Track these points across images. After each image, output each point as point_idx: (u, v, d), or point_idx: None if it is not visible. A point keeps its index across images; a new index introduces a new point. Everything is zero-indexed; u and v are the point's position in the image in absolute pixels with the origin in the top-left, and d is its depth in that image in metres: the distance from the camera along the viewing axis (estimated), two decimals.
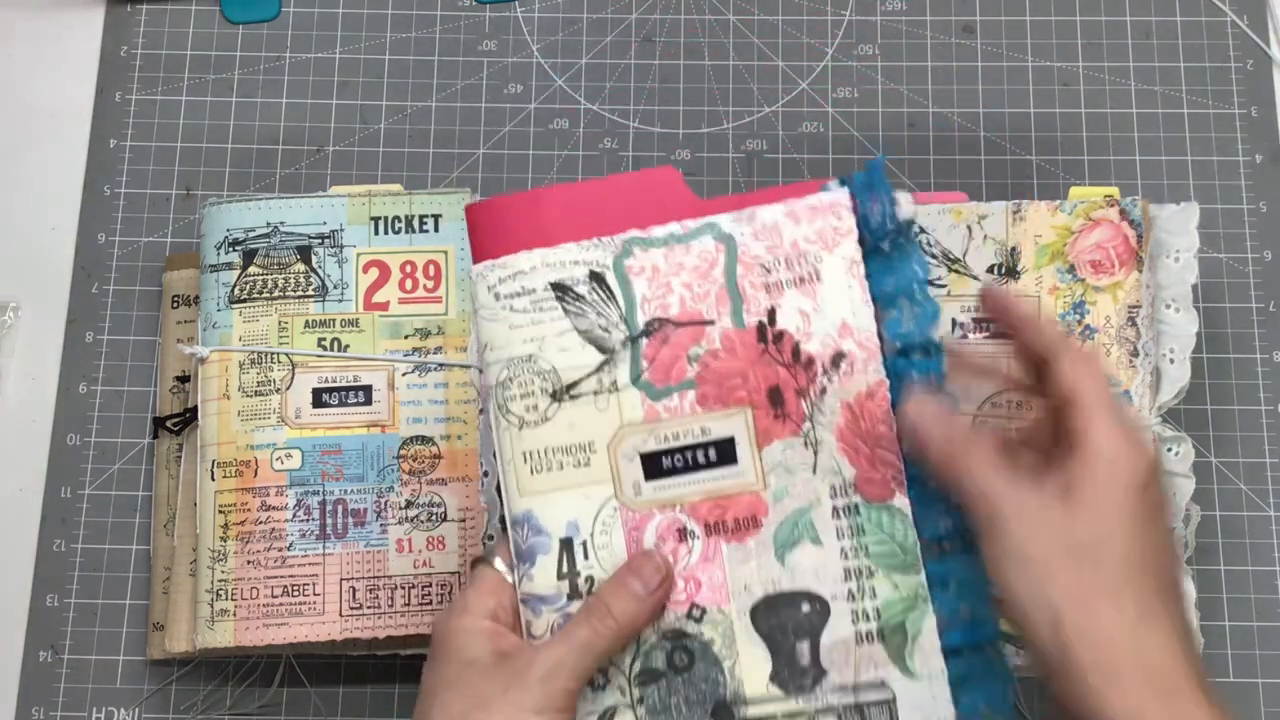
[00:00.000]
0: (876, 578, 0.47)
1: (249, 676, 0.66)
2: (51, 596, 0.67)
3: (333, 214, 0.66)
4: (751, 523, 0.47)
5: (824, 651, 0.47)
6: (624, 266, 0.48)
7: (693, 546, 0.48)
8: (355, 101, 0.74)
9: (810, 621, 0.47)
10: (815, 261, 0.48)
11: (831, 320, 0.48)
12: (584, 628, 0.46)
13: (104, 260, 0.72)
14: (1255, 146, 0.72)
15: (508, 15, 0.76)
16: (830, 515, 0.47)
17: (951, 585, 0.47)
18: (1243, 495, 0.67)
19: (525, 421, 0.48)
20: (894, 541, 0.47)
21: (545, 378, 0.48)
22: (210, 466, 0.63)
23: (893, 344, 0.47)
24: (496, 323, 0.49)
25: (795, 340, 0.48)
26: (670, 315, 0.48)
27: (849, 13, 0.76)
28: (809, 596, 0.47)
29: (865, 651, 0.47)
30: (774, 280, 0.48)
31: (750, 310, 0.48)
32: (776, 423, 0.48)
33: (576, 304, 0.48)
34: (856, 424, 0.47)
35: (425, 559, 0.62)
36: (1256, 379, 0.69)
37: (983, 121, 0.73)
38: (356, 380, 0.64)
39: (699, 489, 0.48)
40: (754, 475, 0.48)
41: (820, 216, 0.48)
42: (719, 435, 0.48)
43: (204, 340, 0.64)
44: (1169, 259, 0.64)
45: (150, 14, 0.76)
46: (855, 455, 0.47)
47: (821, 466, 0.47)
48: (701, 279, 0.48)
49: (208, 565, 0.62)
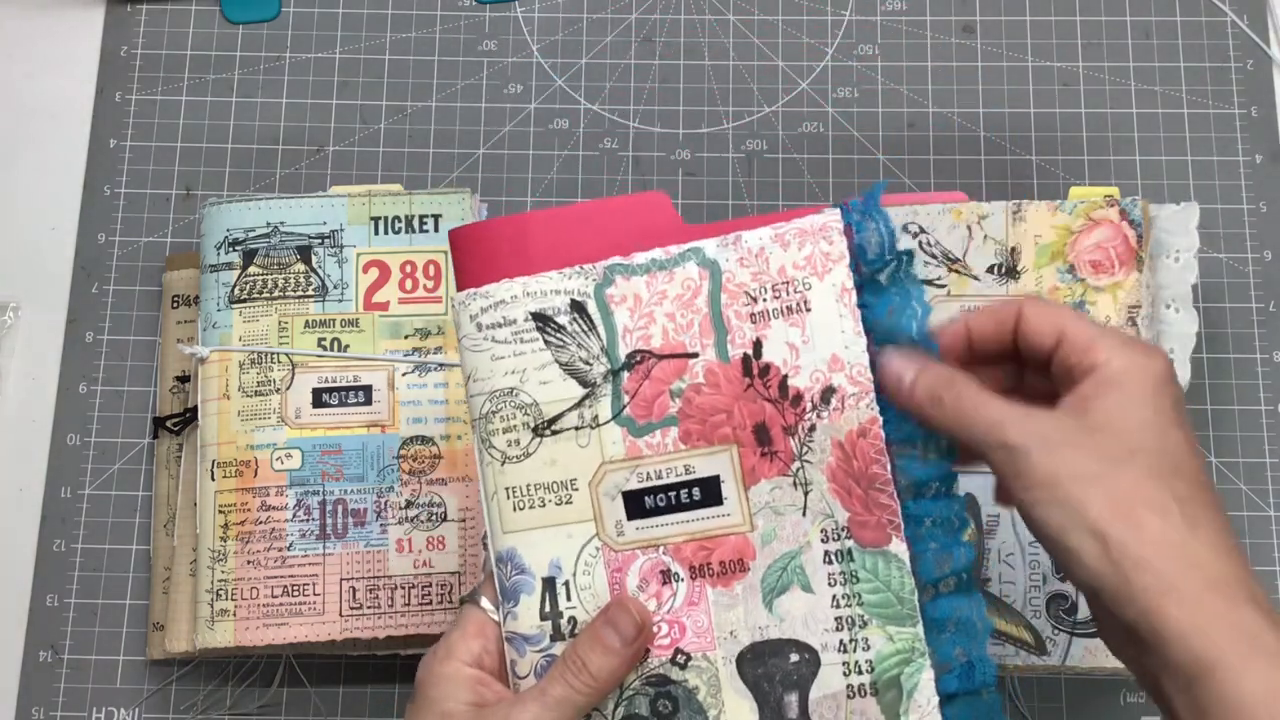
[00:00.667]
0: (870, 628, 0.44)
1: (249, 676, 0.66)
2: (51, 596, 0.67)
3: (333, 214, 0.66)
4: (738, 566, 0.45)
5: (813, 705, 0.45)
6: (605, 295, 0.46)
7: (677, 590, 0.46)
8: (355, 101, 0.74)
9: (799, 672, 0.45)
10: (804, 289, 0.45)
11: (821, 353, 0.45)
12: (559, 685, 0.45)
13: (104, 260, 0.72)
14: (1255, 146, 0.72)
15: (508, 15, 0.76)
16: (822, 560, 0.45)
17: (949, 628, 0.44)
18: (1243, 495, 0.67)
19: (508, 457, 0.47)
20: (889, 590, 0.44)
21: (527, 411, 0.47)
22: (210, 466, 0.63)
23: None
24: (479, 353, 0.47)
25: (783, 374, 0.45)
26: (652, 347, 0.46)
27: (849, 13, 0.76)
28: (798, 646, 0.45)
29: (857, 706, 0.44)
30: (760, 310, 0.46)
31: (735, 342, 0.46)
32: (764, 461, 0.45)
33: (557, 335, 0.47)
34: (849, 463, 0.45)
35: (425, 559, 0.62)
36: (1256, 379, 0.69)
37: (983, 121, 0.73)
38: (356, 380, 0.64)
39: (683, 530, 0.46)
40: (740, 516, 0.45)
41: (810, 241, 0.46)
42: (703, 474, 0.46)
43: (204, 340, 0.64)
44: (1169, 259, 0.64)
45: (150, 14, 0.76)
46: (848, 497, 0.45)
47: (812, 508, 0.45)
48: (685, 308, 0.46)
49: (208, 565, 0.62)
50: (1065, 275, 0.63)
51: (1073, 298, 0.62)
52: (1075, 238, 0.63)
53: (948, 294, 0.63)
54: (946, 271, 0.63)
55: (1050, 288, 0.63)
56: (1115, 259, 0.62)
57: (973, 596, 0.44)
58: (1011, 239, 0.63)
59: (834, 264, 0.45)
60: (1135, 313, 0.62)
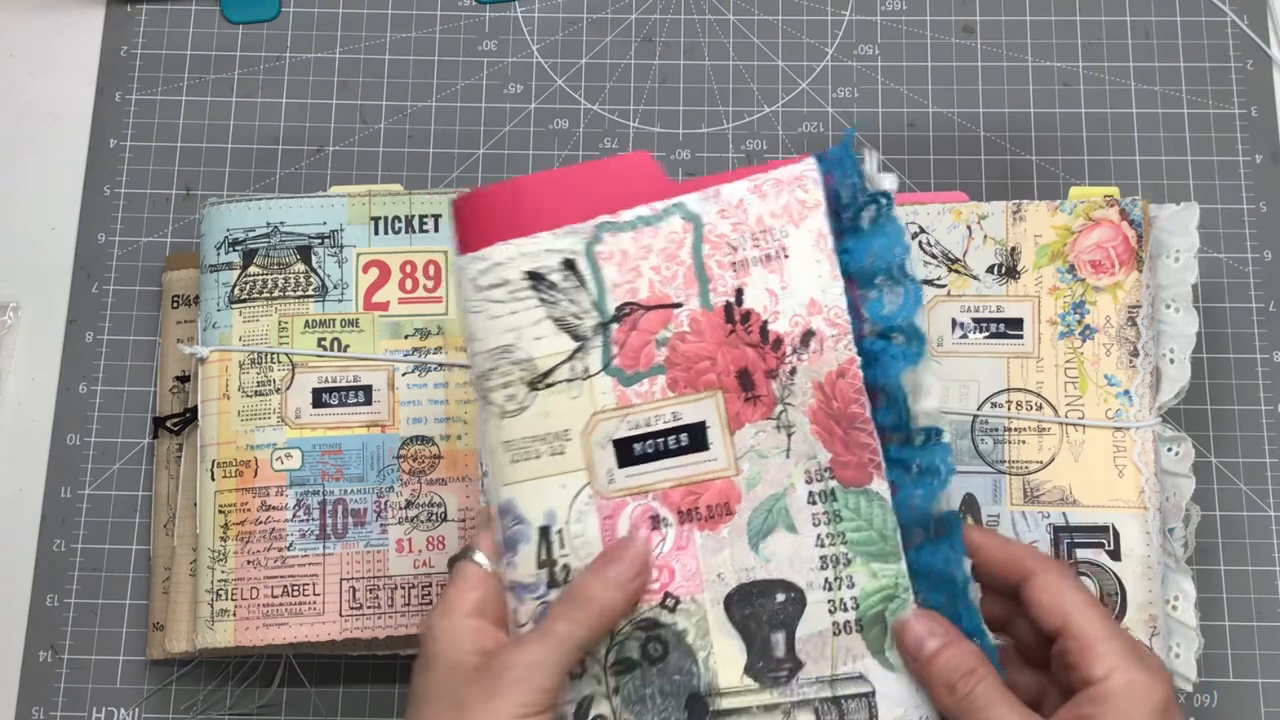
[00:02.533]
0: (854, 566, 0.45)
1: (249, 676, 0.66)
2: (51, 596, 0.67)
3: (333, 214, 0.66)
4: (724, 510, 0.47)
5: (800, 643, 0.46)
6: (595, 252, 0.48)
7: (666, 535, 0.47)
8: (355, 101, 0.74)
9: (785, 611, 0.46)
10: (782, 237, 0.46)
11: (800, 297, 0.46)
12: (562, 621, 0.45)
13: (104, 260, 0.72)
14: (1255, 146, 0.72)
15: (508, 15, 0.76)
16: (805, 501, 0.46)
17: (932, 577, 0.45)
18: (1243, 495, 0.67)
19: (505, 411, 0.48)
20: (872, 528, 0.46)
21: (523, 367, 0.48)
22: (210, 466, 0.63)
23: (874, 325, 0.46)
24: (479, 314, 0.48)
25: (763, 319, 0.46)
26: (639, 299, 0.47)
27: (849, 13, 0.76)
28: (784, 585, 0.46)
29: (843, 643, 0.46)
30: (740, 259, 0.47)
31: (717, 291, 0.47)
32: (747, 406, 0.46)
33: (550, 292, 0.48)
34: (829, 404, 0.46)
35: (425, 559, 0.62)
36: (1256, 379, 0.69)
37: (983, 121, 0.73)
38: (356, 380, 0.64)
39: (671, 476, 0.47)
40: (726, 461, 0.47)
41: (786, 190, 0.47)
42: (690, 420, 0.47)
43: (204, 340, 0.64)
44: (1169, 259, 0.64)
45: (150, 14, 0.76)
46: (829, 438, 0.46)
47: (795, 450, 0.46)
48: (669, 261, 0.47)
49: (208, 565, 0.62)
50: (1065, 275, 0.63)
51: (1073, 298, 0.62)
52: (1075, 238, 0.63)
53: (948, 294, 0.63)
54: (946, 271, 0.63)
55: (1050, 288, 0.63)
56: (1115, 259, 0.62)
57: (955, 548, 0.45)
58: (1011, 239, 0.63)
59: (810, 211, 0.46)
60: (1135, 313, 0.62)
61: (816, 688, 0.45)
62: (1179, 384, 0.62)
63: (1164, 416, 0.63)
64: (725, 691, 0.46)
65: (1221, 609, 0.66)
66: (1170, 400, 0.62)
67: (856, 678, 0.45)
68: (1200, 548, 0.65)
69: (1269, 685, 0.65)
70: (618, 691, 0.47)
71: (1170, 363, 0.63)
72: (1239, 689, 0.65)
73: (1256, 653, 0.65)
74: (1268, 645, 0.65)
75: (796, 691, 0.45)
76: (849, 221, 0.46)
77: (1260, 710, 0.65)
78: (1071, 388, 0.62)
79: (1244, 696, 0.65)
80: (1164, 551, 0.60)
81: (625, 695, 0.46)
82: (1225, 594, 0.66)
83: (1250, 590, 0.66)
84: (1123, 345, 0.62)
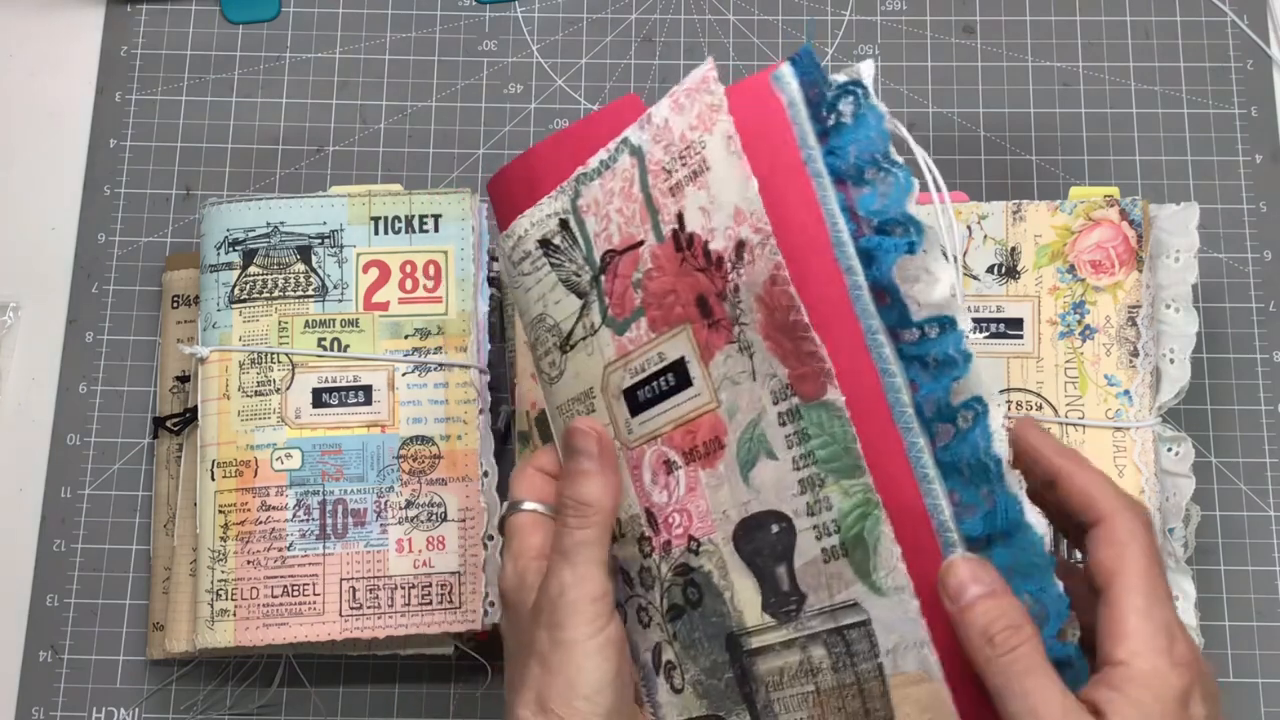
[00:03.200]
0: (829, 486, 0.42)
1: (249, 676, 0.66)
2: (51, 596, 0.67)
3: (333, 214, 0.66)
4: (717, 445, 0.44)
5: (799, 574, 0.43)
6: (578, 207, 0.47)
7: (678, 477, 0.46)
8: (355, 101, 0.74)
9: (781, 543, 0.43)
10: (701, 149, 0.43)
11: (727, 209, 0.43)
12: (566, 535, 0.45)
13: (104, 260, 0.72)
14: (1255, 146, 0.72)
15: (508, 15, 0.76)
16: (777, 423, 0.43)
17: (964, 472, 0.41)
18: (1243, 495, 0.67)
19: (551, 378, 0.49)
20: (836, 443, 0.42)
21: (553, 333, 0.48)
22: (210, 466, 0.63)
23: (869, 222, 0.42)
24: (519, 290, 0.49)
25: (704, 240, 0.43)
26: (615, 245, 0.46)
27: (849, 13, 0.76)
28: (776, 516, 0.43)
29: (834, 570, 0.42)
30: (676, 182, 0.44)
31: (665, 220, 0.44)
32: (712, 333, 0.44)
33: (556, 255, 0.48)
34: (772, 316, 0.42)
35: (425, 559, 0.62)
36: (1256, 379, 0.69)
37: (983, 121, 0.73)
38: (356, 380, 0.64)
39: (670, 418, 0.46)
40: (708, 394, 0.44)
41: (696, 98, 0.43)
42: (672, 358, 0.45)
43: (204, 340, 0.64)
44: (1169, 259, 0.64)
45: (150, 14, 0.76)
46: (783, 352, 0.42)
47: (759, 371, 0.43)
48: (627, 200, 0.45)
49: (208, 565, 0.62)
50: (1065, 275, 0.63)
51: (1073, 298, 0.62)
52: (1075, 238, 0.63)
53: None
54: None
55: (1050, 288, 0.63)
56: (1115, 259, 0.62)
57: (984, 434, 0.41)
58: (1011, 239, 0.63)
59: (717, 114, 0.43)
60: (1135, 312, 0.62)
61: (821, 620, 0.43)
62: (1179, 384, 0.62)
63: (1164, 416, 0.63)
64: (752, 630, 0.44)
65: (1221, 609, 0.66)
66: (1170, 400, 0.62)
67: (852, 605, 0.42)
68: (1200, 548, 0.65)
69: (1269, 685, 0.65)
70: (676, 638, 0.46)
71: (1170, 363, 0.63)
72: (1239, 689, 0.65)
73: (1256, 653, 0.65)
74: (1268, 645, 0.65)
75: (806, 625, 0.43)
76: (831, 121, 0.42)
77: (1260, 710, 0.65)
78: (1071, 388, 0.62)
79: (1244, 696, 0.65)
80: (1164, 551, 0.60)
81: (682, 641, 0.46)
82: (1225, 594, 0.66)
83: (1250, 590, 0.66)
84: (1123, 345, 0.62)
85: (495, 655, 0.64)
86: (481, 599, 0.62)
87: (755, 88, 0.42)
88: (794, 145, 0.42)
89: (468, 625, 0.62)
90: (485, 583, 0.62)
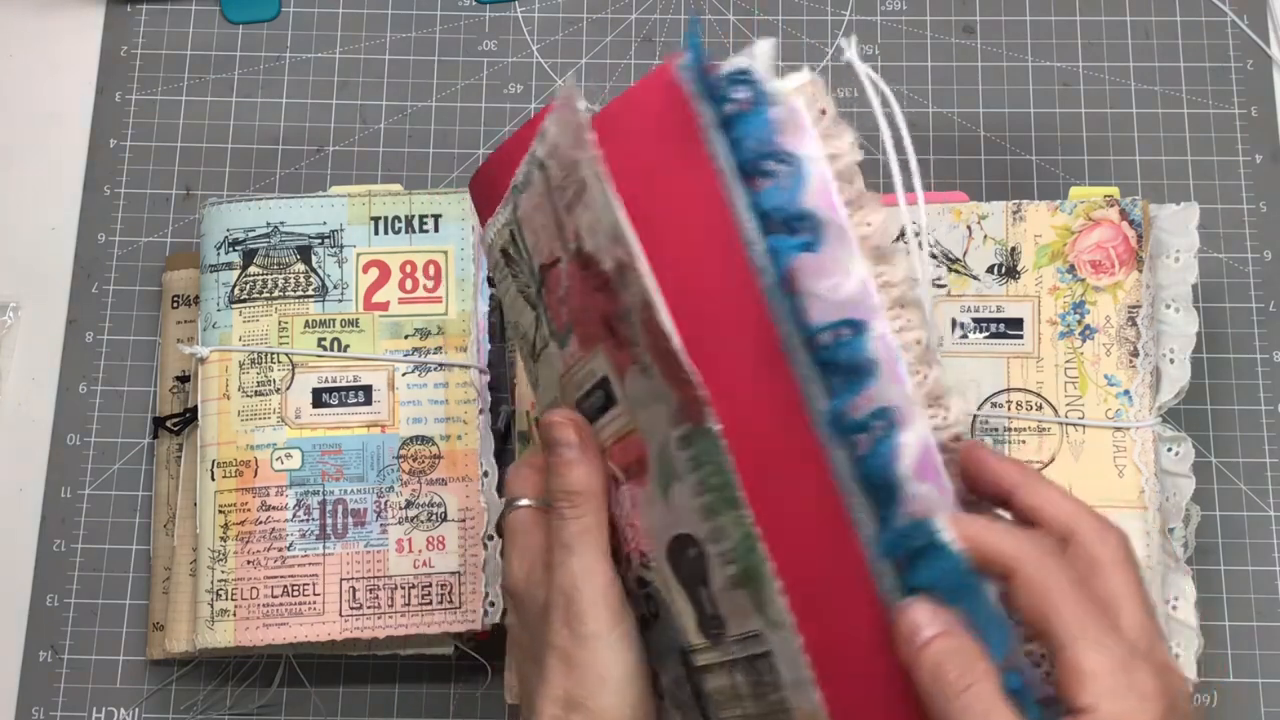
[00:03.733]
0: (723, 514, 0.40)
1: (249, 676, 0.66)
2: (51, 596, 0.67)
3: (333, 214, 0.66)
4: (642, 463, 0.43)
5: (717, 599, 0.41)
6: (518, 219, 0.45)
7: (624, 493, 0.45)
8: (355, 101, 0.74)
9: (699, 566, 0.41)
10: (577, 169, 0.40)
11: (605, 231, 0.40)
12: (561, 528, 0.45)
13: (104, 260, 0.72)
14: (1255, 146, 0.72)
15: (508, 15, 0.76)
16: (677, 446, 0.40)
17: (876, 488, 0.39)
18: (1243, 495, 0.67)
19: (531, 383, 0.49)
20: (721, 472, 0.39)
21: (524, 340, 0.48)
22: (210, 466, 0.63)
23: (775, 220, 0.40)
24: (503, 295, 0.49)
25: (596, 259, 0.41)
26: (545, 259, 0.44)
27: (849, 13, 0.76)
28: (690, 540, 0.41)
29: (737, 599, 0.40)
30: (568, 200, 0.41)
31: (568, 238, 0.42)
32: (619, 354, 0.42)
33: (512, 266, 0.47)
34: (655, 342, 0.39)
35: (425, 559, 0.62)
36: (1256, 379, 0.69)
37: (983, 121, 0.73)
38: (356, 380, 0.64)
39: (608, 434, 0.45)
40: (629, 414, 0.43)
41: (565, 114, 0.41)
42: (599, 375, 0.43)
43: (204, 340, 0.64)
44: (1169, 259, 0.64)
45: (150, 14, 0.76)
46: (671, 377, 0.40)
47: (659, 393, 0.40)
48: (544, 215, 0.43)
49: (208, 565, 0.62)
50: (1065, 275, 0.63)
51: (1073, 298, 0.62)
52: (1075, 238, 0.63)
53: (948, 294, 0.63)
54: (946, 271, 0.63)
55: (1050, 288, 0.63)
56: (1115, 259, 0.62)
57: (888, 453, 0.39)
58: (1011, 239, 0.63)
59: (584, 135, 0.39)
60: (1135, 313, 0.62)
61: (740, 646, 0.41)
62: (1179, 384, 0.62)
63: (1164, 416, 0.63)
64: (695, 648, 0.43)
65: (1221, 609, 0.66)
66: (1170, 400, 0.62)
67: (756, 636, 0.40)
68: (1200, 548, 0.65)
69: (1269, 685, 0.65)
70: (649, 648, 0.45)
71: (1170, 363, 0.63)
72: (1239, 689, 0.65)
73: (1256, 653, 0.65)
74: (1268, 645, 0.65)
75: (730, 650, 0.42)
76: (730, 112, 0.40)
77: (1260, 710, 0.65)
78: (1071, 388, 0.62)
79: (1244, 696, 0.65)
80: (1164, 551, 0.60)
81: (653, 651, 0.45)
82: (1225, 594, 0.66)
83: (1250, 590, 0.66)
84: (1123, 345, 0.62)
85: (495, 655, 0.64)
86: (482, 599, 0.62)
87: (661, 79, 0.40)
88: (698, 139, 0.40)
89: (468, 625, 0.62)
90: (485, 583, 0.62)
